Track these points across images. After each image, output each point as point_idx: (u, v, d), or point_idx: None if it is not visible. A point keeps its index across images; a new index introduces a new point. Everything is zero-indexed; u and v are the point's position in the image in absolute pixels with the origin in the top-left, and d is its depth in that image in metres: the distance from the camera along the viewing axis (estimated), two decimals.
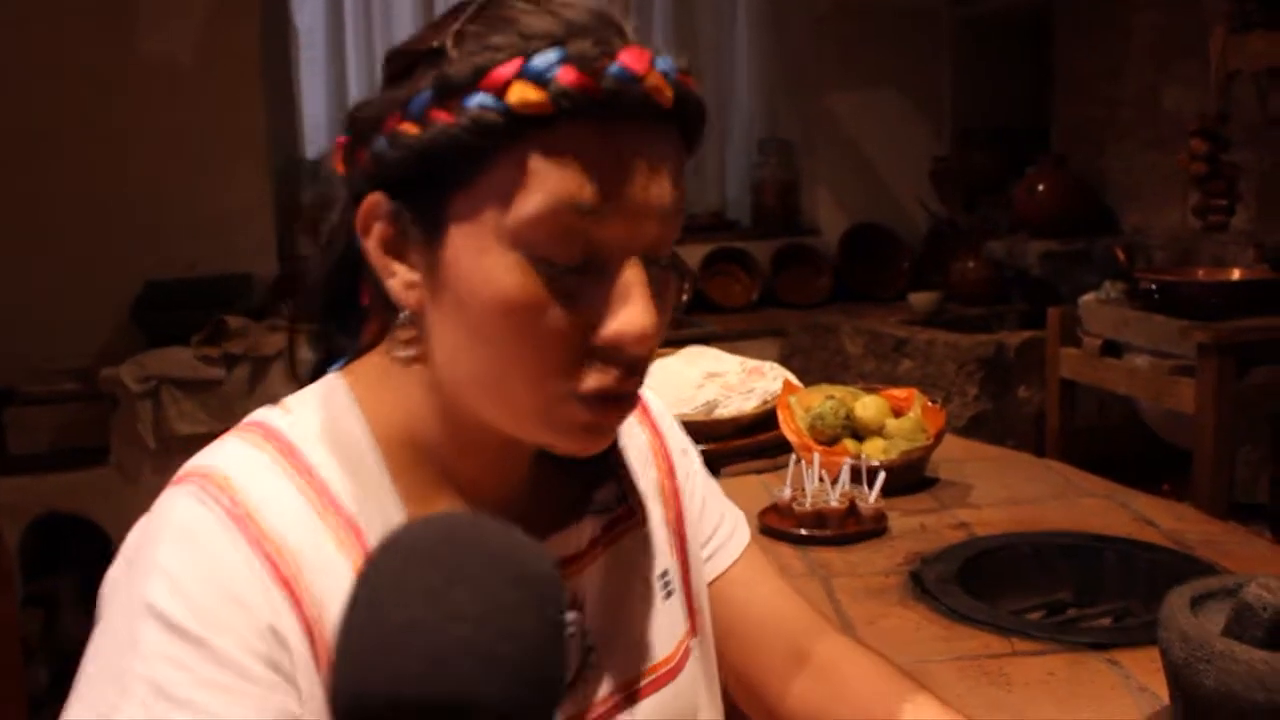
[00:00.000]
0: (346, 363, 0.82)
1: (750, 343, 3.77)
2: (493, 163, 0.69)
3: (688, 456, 0.98)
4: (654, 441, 0.94)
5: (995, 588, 1.62)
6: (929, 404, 2.01)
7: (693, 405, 2.19)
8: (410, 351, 0.76)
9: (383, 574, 0.51)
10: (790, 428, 1.96)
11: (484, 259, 0.70)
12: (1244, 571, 1.34)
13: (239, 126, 3.98)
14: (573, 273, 0.70)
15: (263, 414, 0.79)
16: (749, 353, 2.46)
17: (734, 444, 2.11)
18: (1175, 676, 1.12)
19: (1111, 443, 3.38)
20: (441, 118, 0.69)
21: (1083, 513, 1.86)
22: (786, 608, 0.97)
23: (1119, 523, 1.80)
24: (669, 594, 0.88)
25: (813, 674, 0.94)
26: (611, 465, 0.88)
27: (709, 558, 0.95)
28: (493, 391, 0.74)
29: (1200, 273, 3.17)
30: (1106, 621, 1.60)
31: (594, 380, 0.71)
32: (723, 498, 1.01)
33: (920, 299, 4.10)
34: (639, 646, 0.85)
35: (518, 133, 0.68)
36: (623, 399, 0.73)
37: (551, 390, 0.72)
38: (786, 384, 2.11)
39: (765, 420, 2.11)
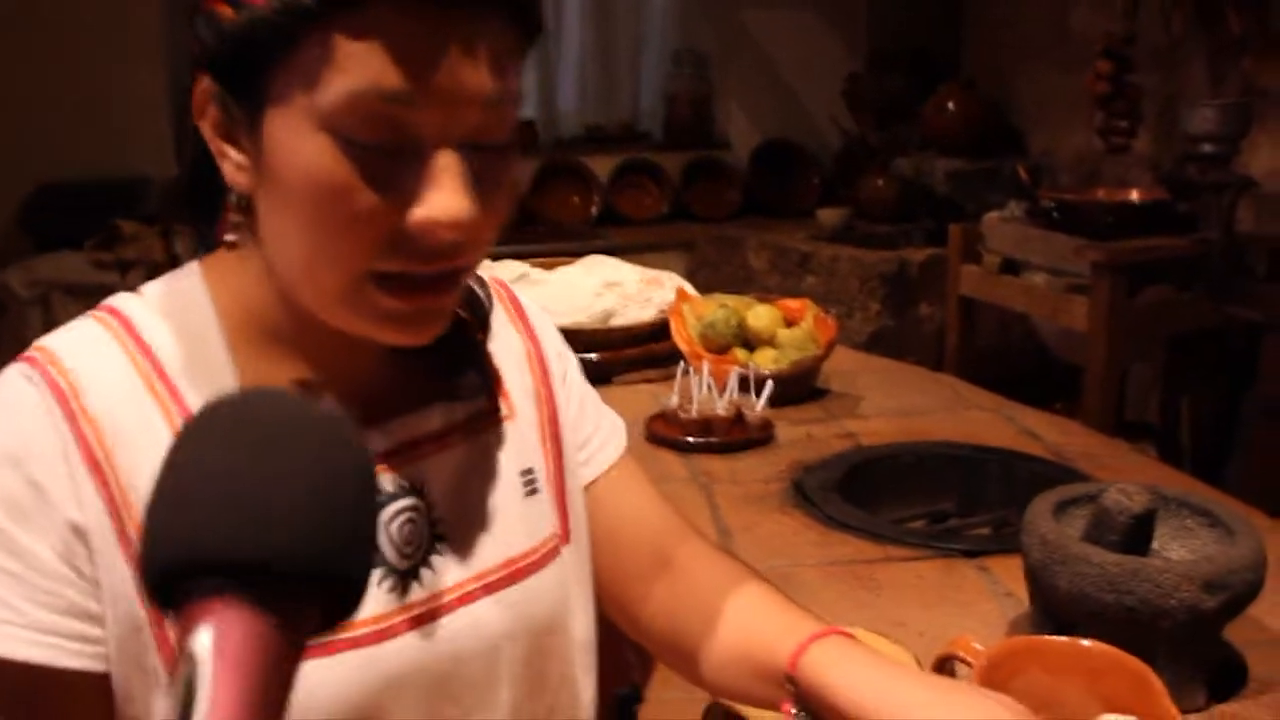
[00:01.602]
0: (207, 253, 0.82)
1: (656, 255, 3.76)
2: (302, 44, 0.67)
3: (564, 361, 0.96)
4: (528, 345, 0.93)
5: (877, 497, 1.63)
6: (821, 314, 2.01)
7: (589, 314, 2.17)
8: (239, 234, 0.76)
9: (187, 441, 0.51)
10: (681, 336, 1.95)
11: (296, 140, 0.69)
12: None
13: (134, 21, 3.84)
14: (384, 156, 0.69)
15: (117, 296, 0.80)
16: (655, 266, 2.45)
17: (628, 353, 2.10)
18: (1033, 579, 1.13)
19: (1010, 362, 3.43)
20: None
21: (969, 425, 1.87)
22: (654, 515, 0.97)
23: (1004, 435, 1.82)
24: (532, 492, 0.87)
25: (670, 579, 0.94)
26: (473, 357, 0.86)
27: (583, 463, 0.94)
28: (304, 274, 0.73)
29: (1100, 193, 3.20)
30: (985, 531, 1.62)
31: (397, 264, 0.70)
32: (600, 404, 1.00)
33: (828, 215, 4.10)
34: (495, 539, 0.84)
35: (325, 14, 0.66)
36: (428, 285, 0.71)
37: (353, 272, 0.71)
38: (680, 292, 2.10)
39: (661, 331, 2.10)
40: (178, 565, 0.47)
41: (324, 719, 0.73)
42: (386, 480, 0.79)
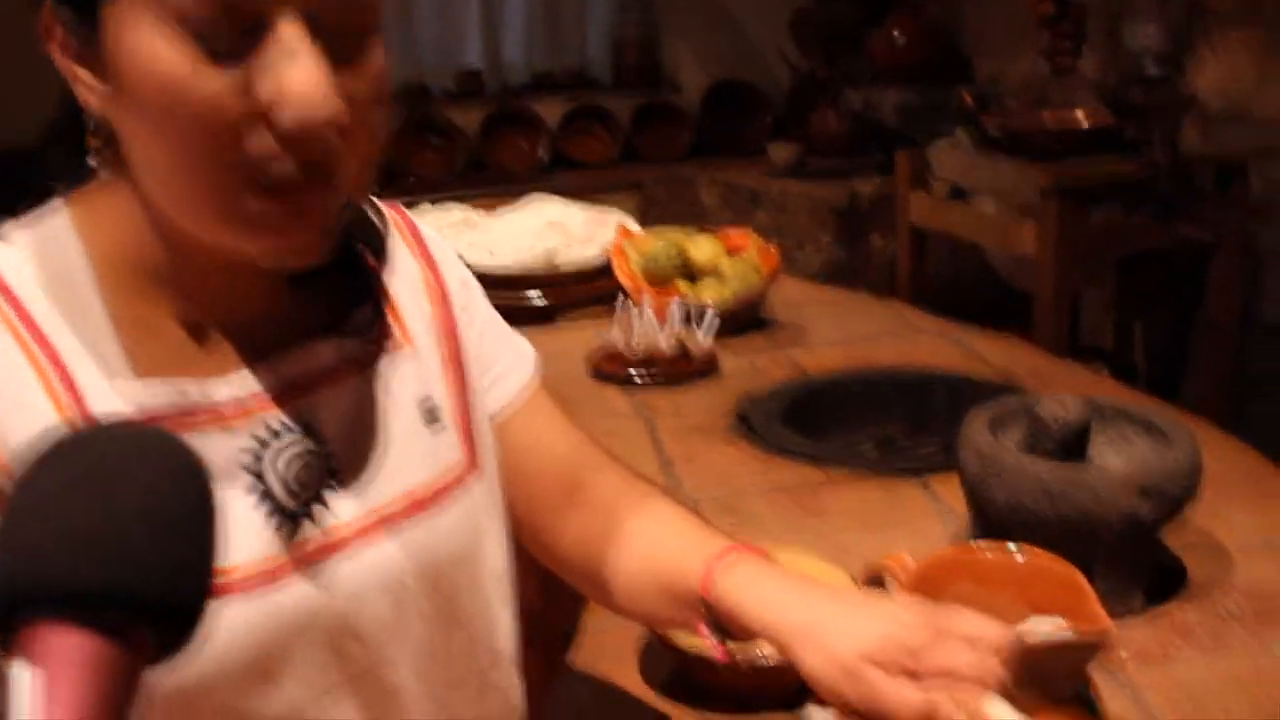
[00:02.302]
0: (74, 188, 0.77)
1: (607, 197, 3.71)
2: None
3: (468, 289, 0.93)
4: (427, 273, 0.90)
5: (824, 426, 1.62)
6: (764, 244, 1.99)
7: (532, 255, 2.14)
8: (103, 165, 0.72)
9: (27, 476, 0.52)
10: (623, 271, 1.92)
11: (135, 37, 0.66)
12: None
13: None
14: (226, 36, 0.65)
15: None
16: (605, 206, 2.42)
17: (572, 292, 2.08)
18: (971, 493, 1.13)
19: (962, 291, 3.41)
20: None
21: (917, 350, 1.86)
22: (565, 444, 0.94)
23: (952, 359, 1.82)
24: (434, 422, 0.85)
25: (582, 507, 0.92)
26: (366, 287, 0.83)
27: (489, 391, 0.91)
28: (169, 186, 0.70)
29: (1046, 117, 3.17)
30: (931, 452, 1.61)
31: (257, 149, 0.67)
32: (508, 333, 0.97)
33: (778, 151, 4.07)
34: (394, 472, 0.81)
35: None
36: (296, 183, 0.68)
37: (216, 170, 0.67)
38: (621, 228, 2.07)
39: (606, 269, 2.07)
40: (5, 596, 0.48)
41: (222, 664, 0.71)
42: (274, 418, 0.76)
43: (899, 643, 0.70)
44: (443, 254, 0.92)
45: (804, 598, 0.76)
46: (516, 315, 1.04)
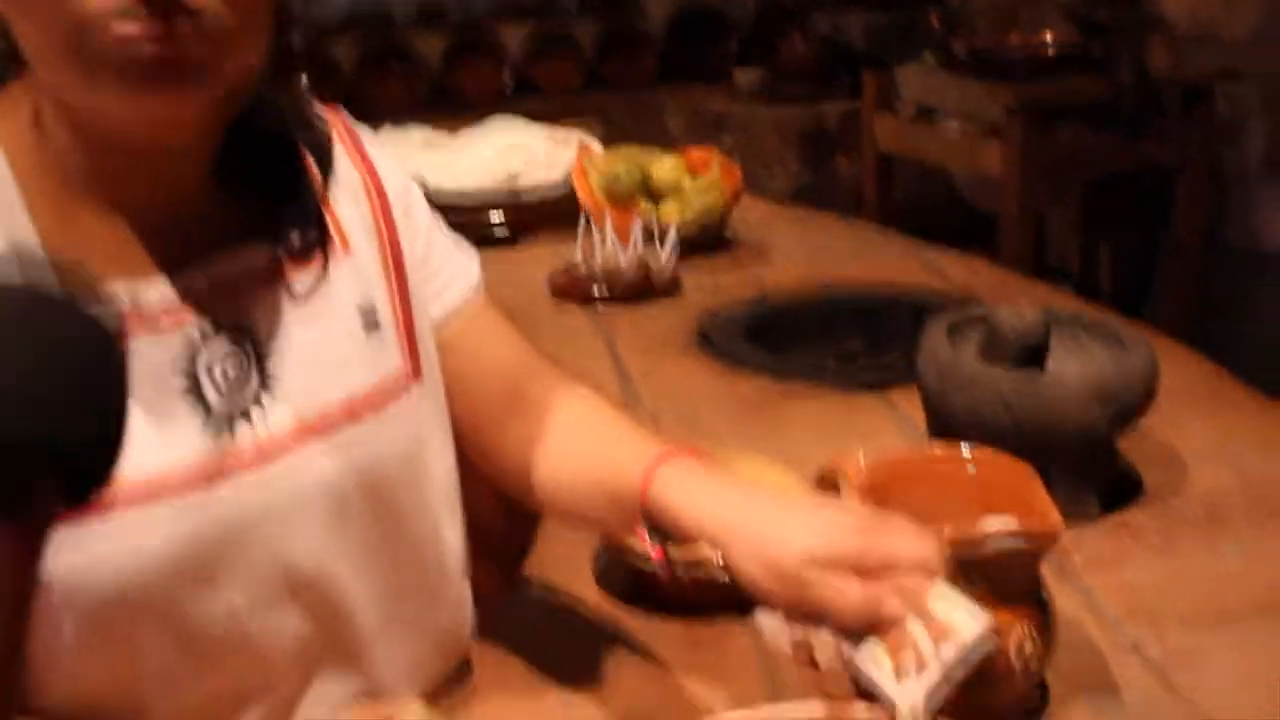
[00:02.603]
0: None
1: (572, 122, 3.67)
2: None
3: (407, 195, 0.91)
4: (366, 178, 0.88)
5: (786, 342, 1.61)
6: (727, 162, 1.97)
7: (493, 176, 2.12)
8: (5, 61, 0.70)
9: None
10: (584, 191, 1.90)
11: None
12: None
13: None
14: None
15: None
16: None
17: (534, 213, 2.06)
18: (930, 403, 1.13)
19: (928, 216, 3.39)
20: None
21: (880, 269, 1.86)
22: (509, 353, 0.93)
23: (916, 277, 1.81)
24: (373, 329, 0.83)
25: (524, 416, 0.91)
26: (302, 190, 0.81)
27: (431, 300, 0.90)
28: (43, 48, 0.67)
29: (1013, 38, 3.15)
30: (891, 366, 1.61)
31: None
32: (453, 243, 0.95)
33: (744, 76, 4.03)
34: (331, 378, 0.80)
35: None
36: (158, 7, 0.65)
37: (75, 17, 0.64)
38: (583, 147, 2.05)
39: (569, 193, 2.05)
40: None
41: (158, 566, 0.70)
42: (206, 322, 0.75)
43: (838, 545, 0.70)
44: (382, 160, 0.90)
45: (742, 501, 0.76)
46: (478, 238, 1.02)
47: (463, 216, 1.76)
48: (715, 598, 0.97)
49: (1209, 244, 2.96)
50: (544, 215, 2.06)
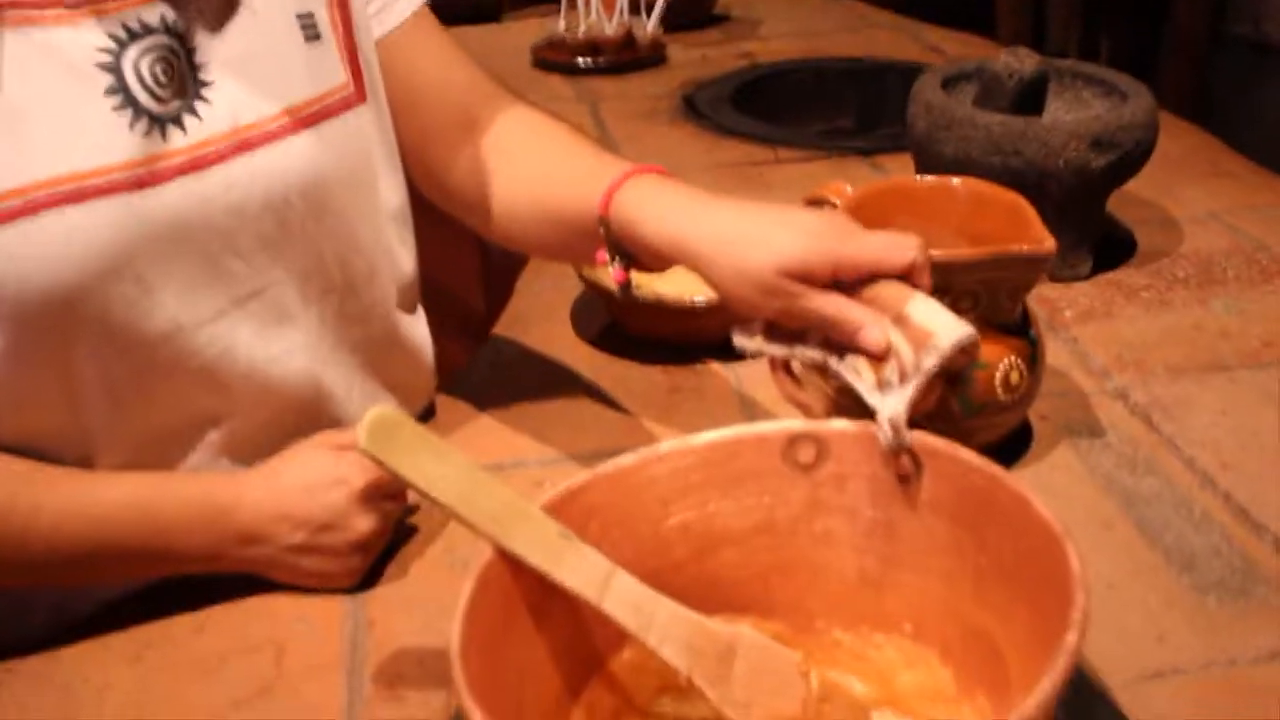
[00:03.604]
0: None
1: None
2: None
3: None
4: None
5: (773, 113, 1.56)
6: None
7: None
8: None
9: None
10: None
11: None
12: None
13: None
14: None
15: None
16: None
17: None
18: (919, 150, 1.09)
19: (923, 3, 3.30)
20: None
21: (873, 44, 1.80)
22: (458, 74, 0.88)
23: (908, 52, 1.75)
24: (313, 38, 0.78)
25: (476, 138, 0.86)
26: None
27: (374, 16, 0.84)
28: None
29: None
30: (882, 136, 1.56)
31: None
32: None
33: None
34: (272, 85, 0.75)
35: None
36: None
37: None
38: None
39: None
40: None
41: (84, 269, 0.66)
42: (133, 16, 0.69)
43: (816, 251, 0.66)
44: None
45: (713, 210, 0.72)
46: (458, 10, 0.96)
47: None
48: (692, 329, 0.96)
49: (1213, 36, 2.88)
50: None
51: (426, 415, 0.93)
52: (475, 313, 1.38)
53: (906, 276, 0.65)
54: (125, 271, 0.68)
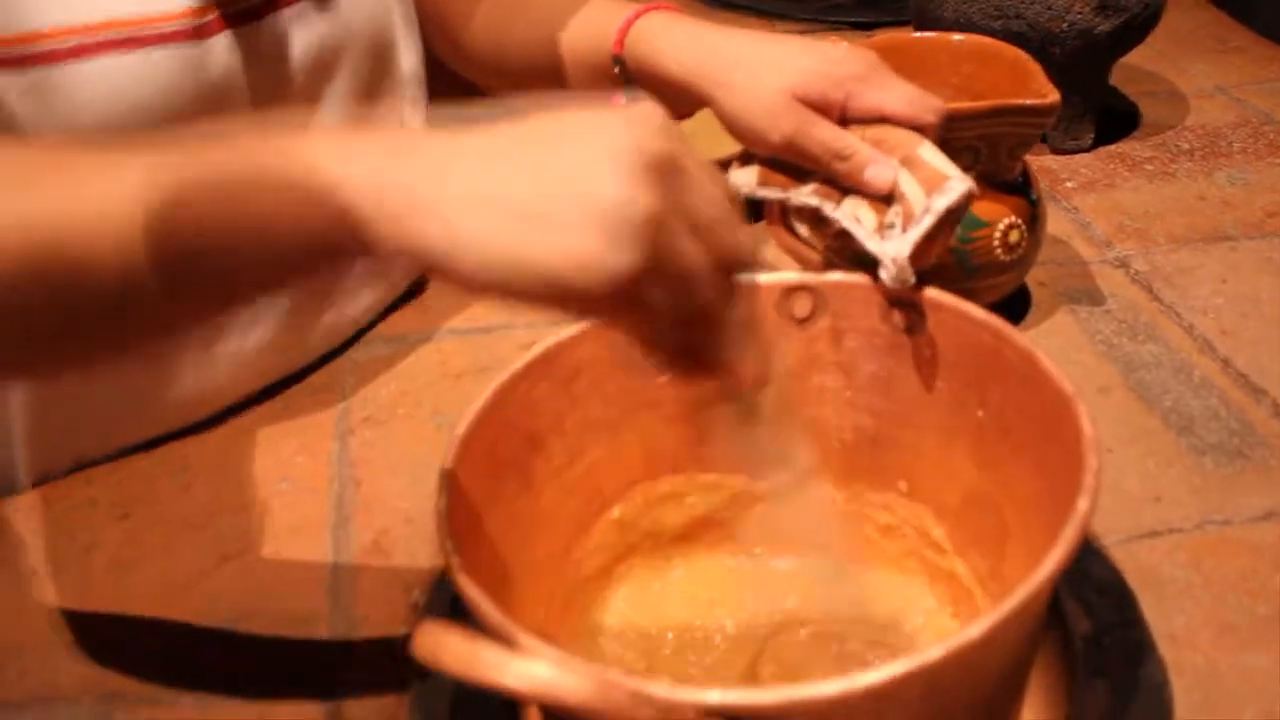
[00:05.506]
0: None
1: None
2: None
3: None
4: None
5: None
6: None
7: None
8: None
9: None
10: None
11: None
12: None
13: None
14: None
15: None
16: None
17: None
18: (918, 15, 1.06)
19: None
20: None
21: None
22: None
23: None
24: None
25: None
26: None
27: None
28: None
29: None
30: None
31: None
32: None
33: None
34: None
35: None
36: None
37: None
38: None
39: None
40: None
41: (126, 120, 0.64)
42: None
43: (829, 77, 0.64)
44: None
45: (726, 37, 0.70)
46: None
47: None
48: None
49: None
50: None
51: (420, 280, 0.92)
52: None
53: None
54: (171, 123, 0.65)
